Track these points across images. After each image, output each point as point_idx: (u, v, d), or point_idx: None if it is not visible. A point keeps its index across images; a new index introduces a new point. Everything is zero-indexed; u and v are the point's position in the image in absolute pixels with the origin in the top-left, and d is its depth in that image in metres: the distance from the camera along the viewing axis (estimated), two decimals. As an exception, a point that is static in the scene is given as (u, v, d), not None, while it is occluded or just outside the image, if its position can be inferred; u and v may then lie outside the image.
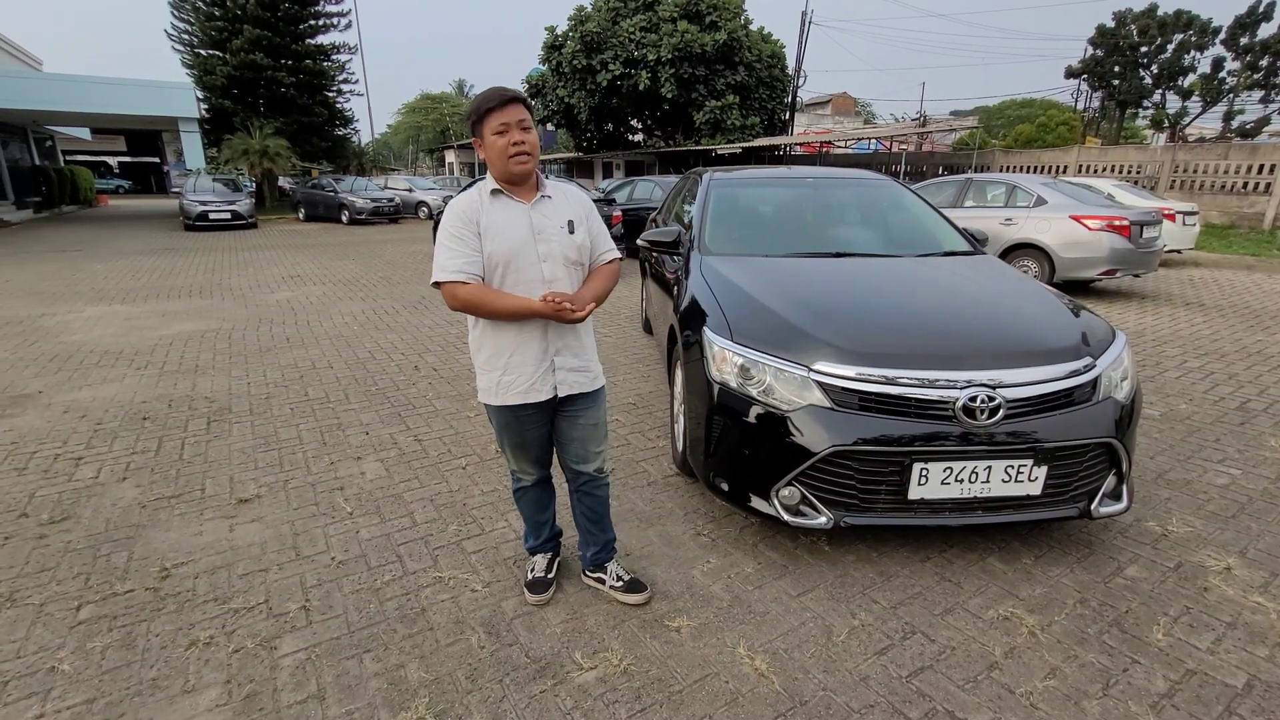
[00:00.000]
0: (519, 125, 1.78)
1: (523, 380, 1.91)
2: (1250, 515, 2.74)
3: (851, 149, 27.14)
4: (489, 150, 1.81)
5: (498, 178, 1.86)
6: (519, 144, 1.78)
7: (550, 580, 2.26)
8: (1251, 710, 1.75)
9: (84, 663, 1.92)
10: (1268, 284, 8.48)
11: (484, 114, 1.77)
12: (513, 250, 1.83)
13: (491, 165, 1.84)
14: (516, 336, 1.89)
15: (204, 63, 23.81)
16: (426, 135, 55.34)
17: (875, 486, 2.23)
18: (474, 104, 1.80)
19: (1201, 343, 5.51)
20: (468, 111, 1.84)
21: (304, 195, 20.62)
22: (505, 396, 1.94)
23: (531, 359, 1.90)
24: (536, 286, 1.85)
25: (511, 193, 1.87)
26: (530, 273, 1.85)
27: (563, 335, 1.94)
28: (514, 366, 1.90)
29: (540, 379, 1.92)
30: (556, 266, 1.88)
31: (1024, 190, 7.77)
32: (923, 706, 1.77)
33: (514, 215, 1.86)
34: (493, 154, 1.80)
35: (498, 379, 1.93)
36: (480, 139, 1.82)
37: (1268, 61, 23.61)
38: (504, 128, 1.77)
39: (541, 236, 1.87)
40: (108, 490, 3.00)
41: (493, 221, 1.83)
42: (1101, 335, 2.52)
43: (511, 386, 1.92)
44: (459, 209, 1.84)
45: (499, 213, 1.85)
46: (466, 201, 1.86)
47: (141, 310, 7.09)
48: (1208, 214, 13.10)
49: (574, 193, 2.00)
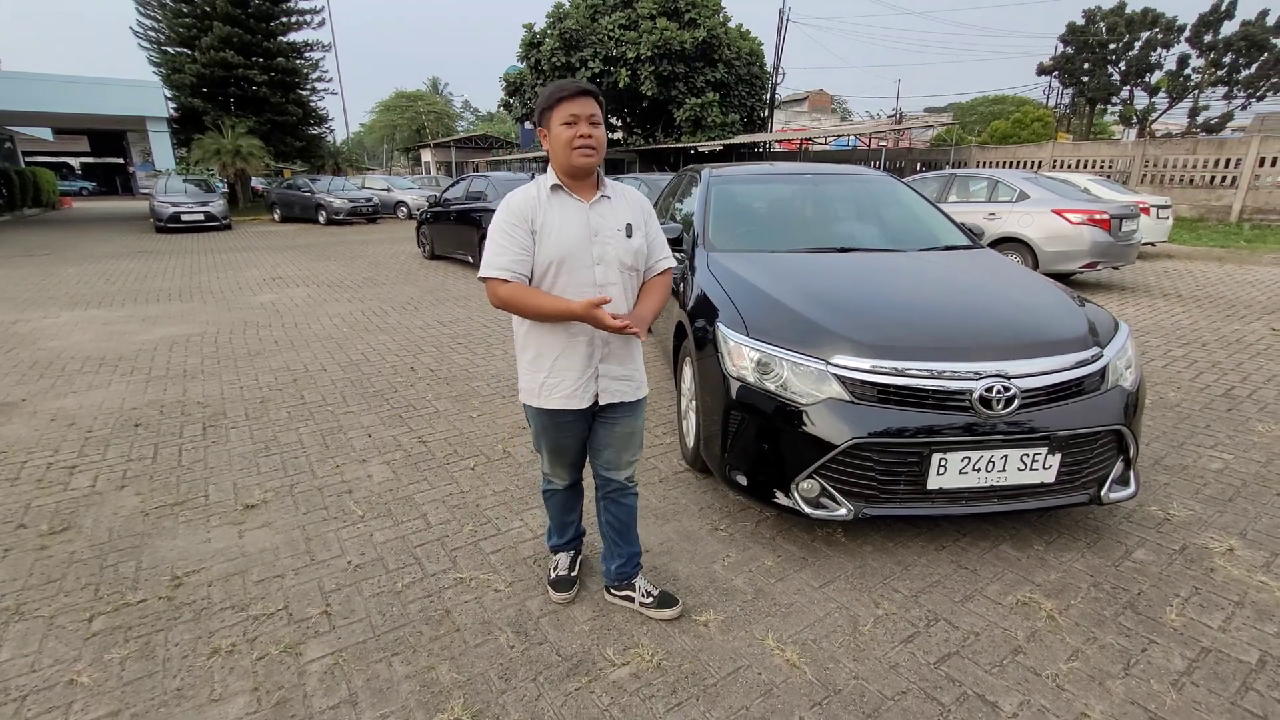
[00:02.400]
0: (589, 119, 1.73)
1: (566, 385, 1.87)
2: (1246, 498, 2.83)
3: (830, 146, 27.39)
4: (554, 141, 1.75)
5: (560, 170, 1.81)
6: (586, 137, 1.73)
7: (574, 578, 2.23)
8: (1267, 685, 1.81)
9: (104, 674, 1.87)
10: (1239, 274, 8.75)
11: (556, 102, 1.73)
12: (567, 250, 1.78)
13: (555, 157, 1.78)
14: (565, 340, 1.84)
15: (172, 61, 23.25)
16: (402, 134, 54.66)
17: (894, 477, 2.26)
18: (546, 92, 1.75)
19: (1183, 332, 5.68)
20: (539, 101, 1.78)
21: (279, 196, 20.24)
22: (547, 400, 1.89)
23: (577, 364, 1.86)
24: (588, 289, 1.80)
25: (572, 189, 1.82)
26: (582, 275, 1.80)
27: (610, 341, 1.89)
28: (559, 370, 1.86)
29: (583, 385, 1.88)
30: (610, 270, 1.83)
31: (1007, 185, 7.92)
32: (954, 691, 1.80)
33: (572, 214, 1.81)
34: (557, 145, 1.75)
35: (541, 380, 1.88)
36: (546, 129, 1.77)
37: (1230, 58, 24.34)
38: (574, 119, 1.72)
39: (598, 238, 1.81)
40: (107, 499, 2.93)
41: (550, 219, 1.77)
42: (1106, 326, 2.59)
43: (555, 390, 1.87)
44: (515, 205, 1.79)
45: (556, 210, 1.79)
46: (523, 197, 1.80)
47: (120, 315, 6.91)
48: (1178, 207, 13.47)
49: (634, 195, 1.94)
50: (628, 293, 1.89)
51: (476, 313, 6.87)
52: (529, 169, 31.99)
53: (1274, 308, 6.63)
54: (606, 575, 2.21)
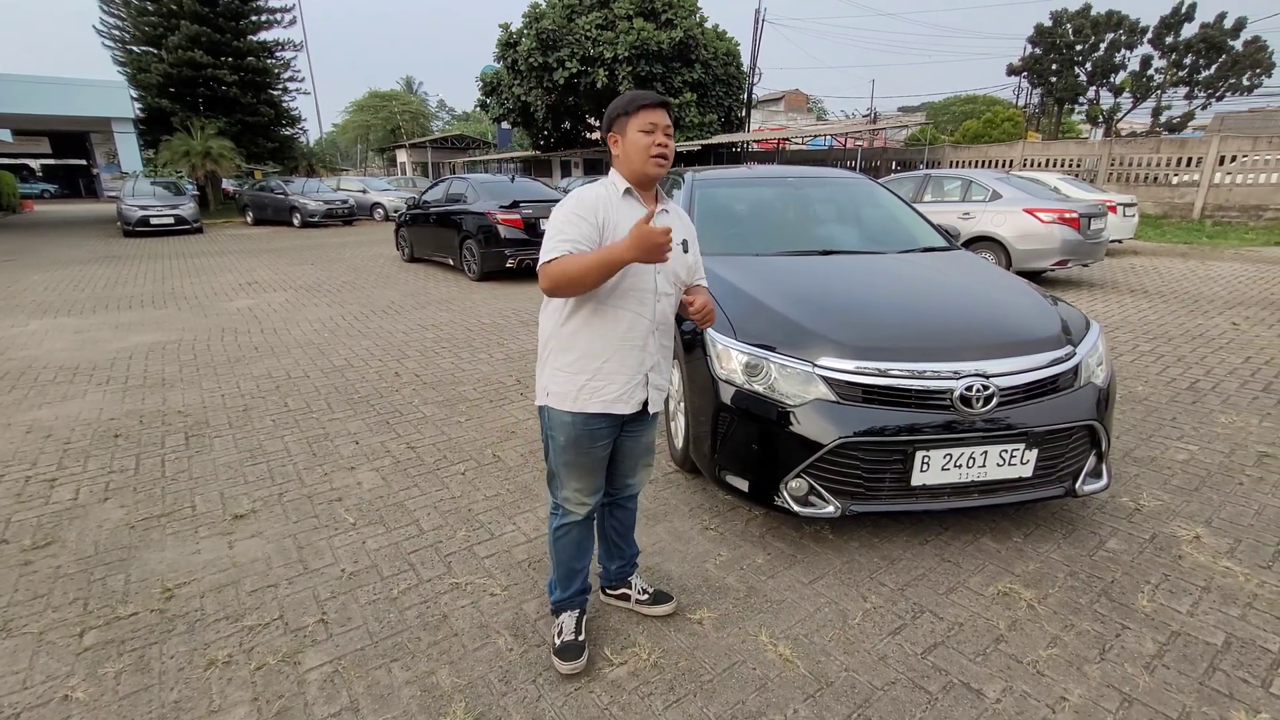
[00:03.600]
0: (665, 129, 1.73)
1: (614, 388, 1.79)
2: (1211, 487, 2.96)
3: (807, 145, 27.68)
4: (629, 146, 1.72)
5: (630, 177, 1.77)
6: (662, 146, 1.72)
7: (582, 644, 1.97)
8: (1232, 665, 1.91)
9: (98, 689, 1.86)
10: (1202, 270, 9.06)
11: (636, 109, 1.71)
12: None
13: (627, 162, 1.75)
14: (619, 342, 1.77)
15: (137, 60, 22.72)
16: (376, 134, 53.97)
17: (880, 475, 2.33)
18: (625, 99, 1.73)
19: (1149, 328, 5.87)
20: (615, 106, 1.74)
21: (252, 198, 19.89)
22: (588, 403, 1.78)
23: (629, 367, 1.80)
24: (648, 296, 1.78)
25: (642, 198, 1.80)
26: (645, 280, 1.77)
27: (661, 349, 1.87)
28: (607, 372, 1.78)
29: (632, 390, 1.81)
30: (667, 281, 1.82)
31: (980, 185, 8.10)
32: (940, 680, 1.87)
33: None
34: (633, 150, 1.72)
35: (583, 383, 1.78)
36: (621, 134, 1.74)
37: (1191, 60, 25.10)
38: (652, 127, 1.71)
39: None
40: (90, 512, 2.88)
41: (621, 219, 1.72)
42: (1078, 324, 2.69)
43: (599, 393, 1.78)
44: (588, 198, 1.72)
45: (628, 213, 1.74)
46: (593, 194, 1.74)
47: (92, 322, 6.76)
48: (1143, 205, 13.86)
49: (683, 214, 1.96)
50: (673, 309, 1.89)
51: (460, 316, 6.85)
52: (507, 170, 31.83)
53: (1235, 302, 6.88)
54: (604, 576, 2.24)
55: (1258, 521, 2.67)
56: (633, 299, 1.76)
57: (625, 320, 1.76)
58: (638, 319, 1.78)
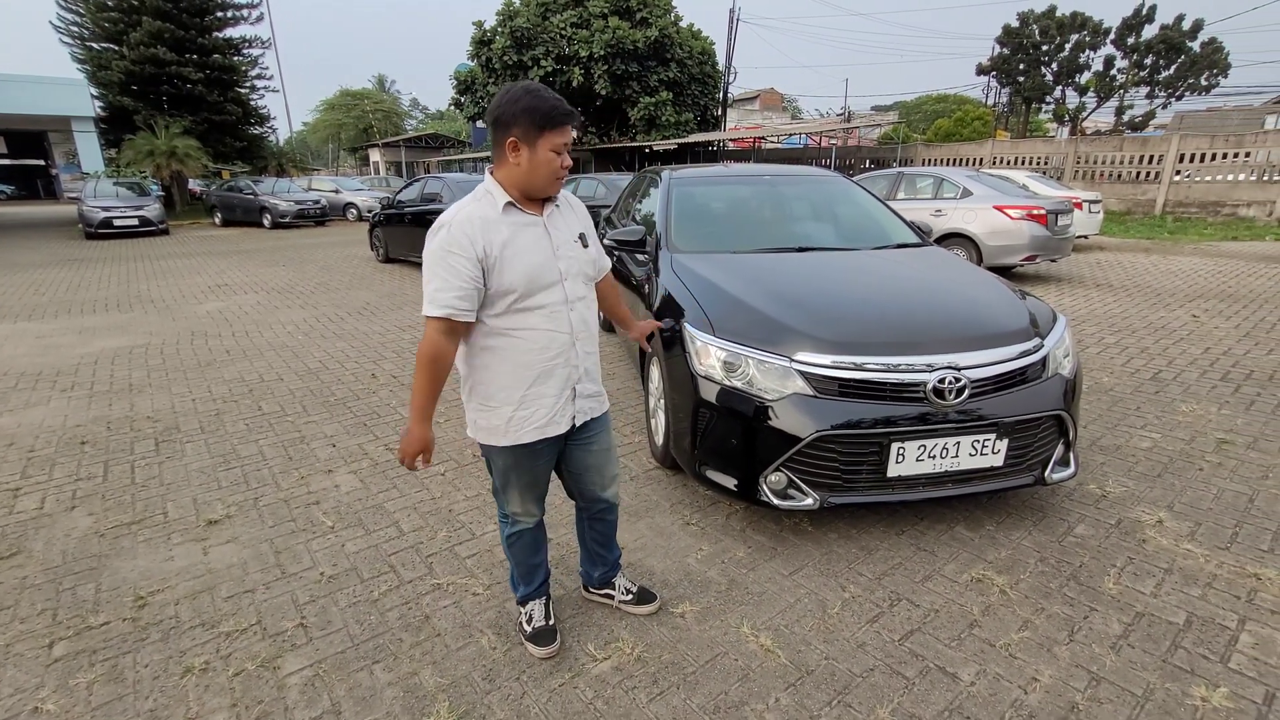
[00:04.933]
0: (568, 148, 1.64)
1: (541, 413, 1.73)
2: (1173, 473, 3.07)
3: (782, 144, 27.90)
4: (537, 163, 1.60)
5: (521, 189, 1.64)
6: (568, 168, 1.65)
7: (555, 629, 2.02)
8: (1193, 642, 1.99)
9: (70, 700, 1.82)
10: (1164, 264, 9.34)
11: (553, 126, 1.57)
12: (536, 273, 1.64)
13: (527, 176, 1.62)
14: (540, 363, 1.70)
15: (98, 57, 22.06)
16: (348, 133, 53.12)
17: (857, 467, 2.37)
18: (540, 105, 1.56)
19: (1114, 320, 6.04)
20: (524, 110, 1.56)
21: (220, 198, 19.44)
22: (520, 434, 1.72)
23: (554, 388, 1.73)
24: (560, 308, 1.70)
25: (524, 205, 1.67)
26: (554, 295, 1.68)
27: (589, 357, 1.81)
28: (531, 399, 1.71)
29: (560, 410, 1.76)
30: (577, 284, 1.74)
31: (951, 183, 8.26)
32: (917, 666, 1.92)
33: (535, 233, 1.67)
34: (541, 168, 1.60)
35: (508, 415, 1.71)
36: (529, 147, 1.58)
37: (1151, 60, 25.82)
38: (563, 147, 1.61)
39: (560, 252, 1.70)
40: (57, 521, 2.81)
41: (510, 241, 1.61)
42: (1046, 317, 2.76)
43: (527, 421, 1.72)
44: (458, 226, 1.58)
45: (513, 231, 1.63)
46: (465, 218, 1.59)
47: (53, 327, 6.57)
48: (1107, 202, 14.24)
49: (577, 202, 1.85)
50: (592, 307, 1.82)
51: (436, 316, 6.77)
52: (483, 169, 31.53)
53: (1195, 295, 7.11)
54: (586, 578, 2.24)
55: (1216, 505, 2.77)
56: (542, 316, 1.67)
57: (540, 341, 1.68)
58: (554, 336, 1.70)
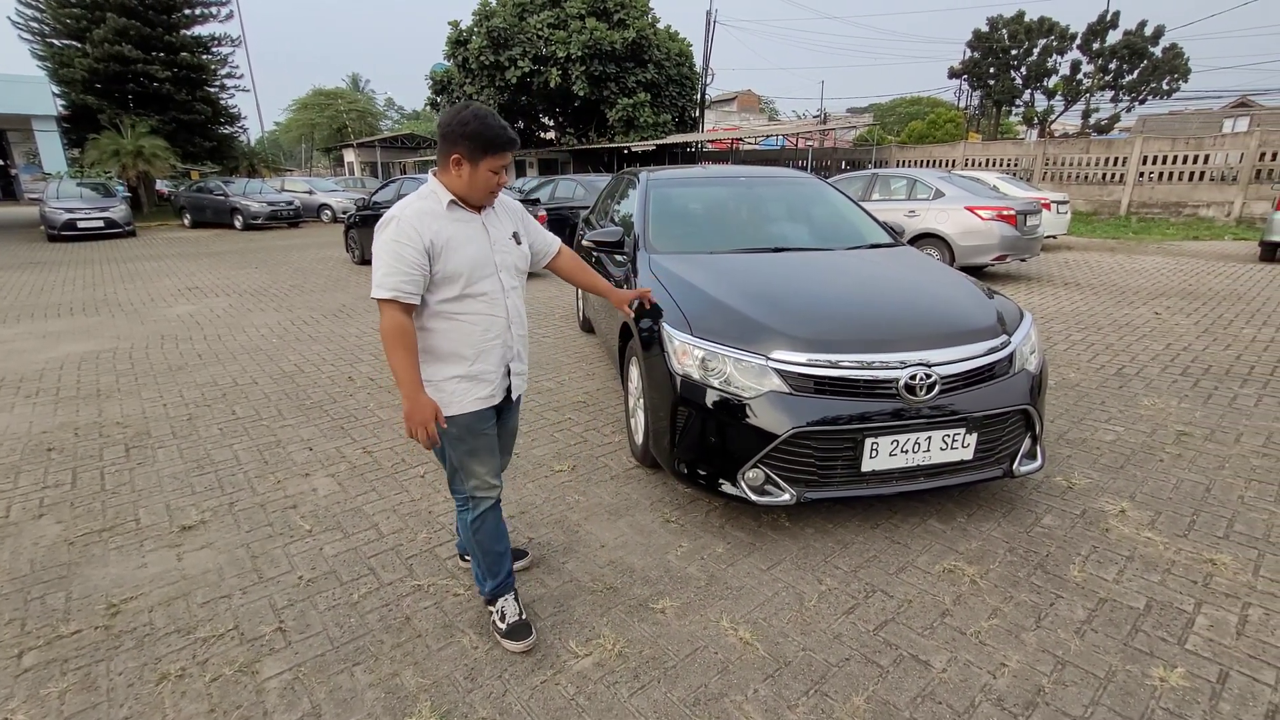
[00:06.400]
0: (506, 169, 1.85)
1: (486, 387, 1.93)
2: (1135, 465, 3.17)
3: (760, 145, 28.14)
4: (476, 179, 1.80)
5: (459, 195, 1.84)
6: (503, 184, 1.87)
7: (528, 622, 2.05)
8: (1153, 625, 2.07)
9: (41, 710, 1.79)
10: (1129, 264, 9.62)
11: (495, 150, 1.78)
12: (475, 264, 1.84)
13: (466, 188, 1.82)
14: (482, 342, 1.89)
15: (59, 55, 21.40)
16: (321, 133, 52.28)
17: (832, 462, 2.42)
18: (485, 131, 1.75)
19: (1081, 318, 6.22)
20: (471, 131, 1.75)
21: (189, 199, 19.04)
22: (465, 403, 1.89)
23: (494, 364, 1.93)
24: (498, 296, 1.90)
25: (465, 206, 1.88)
26: (490, 285, 1.88)
27: (521, 339, 2.01)
28: (475, 374, 1.90)
29: (500, 382, 1.96)
30: (511, 276, 1.95)
31: (924, 184, 8.41)
32: (891, 655, 1.97)
33: (474, 229, 1.87)
34: (479, 184, 1.81)
35: (454, 388, 1.88)
36: (471, 164, 1.78)
37: (1115, 65, 26.54)
38: (501, 169, 1.82)
39: (497, 247, 1.91)
40: (24, 529, 2.75)
41: (454, 235, 1.81)
42: (1013, 315, 2.85)
43: (471, 392, 1.90)
44: (407, 219, 1.75)
45: (458, 227, 1.83)
46: (414, 211, 1.77)
47: (15, 332, 6.39)
48: (1075, 202, 14.61)
49: (511, 202, 2.06)
50: (524, 293, 2.05)
51: (414, 318, 6.72)
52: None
53: (1157, 293, 7.34)
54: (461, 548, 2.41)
55: (1176, 495, 2.88)
56: (483, 303, 1.88)
57: (481, 324, 1.88)
58: (493, 320, 1.90)
